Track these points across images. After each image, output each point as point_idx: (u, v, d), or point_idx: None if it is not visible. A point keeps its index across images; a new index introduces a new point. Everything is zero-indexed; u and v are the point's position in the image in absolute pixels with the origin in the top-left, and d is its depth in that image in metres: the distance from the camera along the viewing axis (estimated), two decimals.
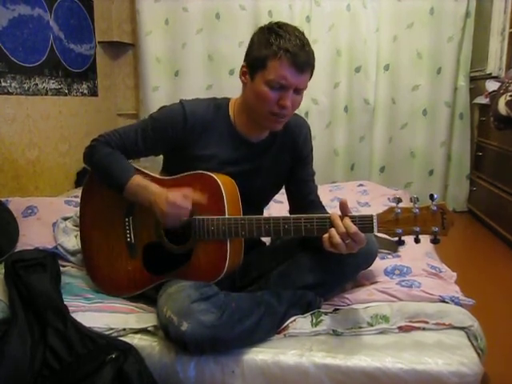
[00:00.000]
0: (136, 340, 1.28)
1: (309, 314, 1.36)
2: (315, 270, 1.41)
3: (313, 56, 1.28)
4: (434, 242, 1.15)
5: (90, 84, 3.47)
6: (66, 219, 1.90)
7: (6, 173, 2.58)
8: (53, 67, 2.98)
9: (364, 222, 1.15)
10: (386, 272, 1.57)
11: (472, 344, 1.25)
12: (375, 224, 1.15)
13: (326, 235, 1.16)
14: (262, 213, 1.57)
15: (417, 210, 1.13)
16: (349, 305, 1.43)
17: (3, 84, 2.54)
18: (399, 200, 1.15)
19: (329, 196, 2.64)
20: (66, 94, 3.15)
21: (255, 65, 1.28)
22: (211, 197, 1.30)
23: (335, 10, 3.47)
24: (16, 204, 2.01)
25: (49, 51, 2.93)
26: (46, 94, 2.94)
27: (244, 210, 1.35)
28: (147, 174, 1.40)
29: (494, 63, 3.15)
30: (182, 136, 1.35)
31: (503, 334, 1.77)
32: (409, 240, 1.17)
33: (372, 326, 1.31)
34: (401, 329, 1.30)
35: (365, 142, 3.63)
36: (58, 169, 3.09)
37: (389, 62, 3.54)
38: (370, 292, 1.46)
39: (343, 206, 1.16)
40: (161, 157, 1.51)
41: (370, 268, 1.52)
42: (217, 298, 1.24)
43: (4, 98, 2.56)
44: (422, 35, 3.46)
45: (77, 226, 1.79)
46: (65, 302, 1.35)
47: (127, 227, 1.42)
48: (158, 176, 1.42)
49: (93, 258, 1.51)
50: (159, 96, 3.64)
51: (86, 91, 3.41)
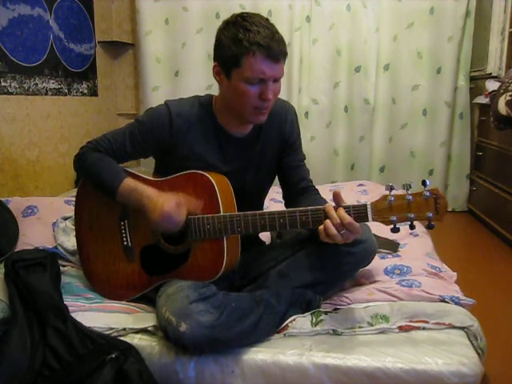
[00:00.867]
0: (136, 340, 1.28)
1: (309, 313, 1.36)
2: (314, 268, 1.41)
3: (283, 42, 1.26)
4: (429, 227, 1.15)
5: (90, 84, 3.47)
6: (65, 219, 1.90)
7: (5, 172, 2.58)
8: (53, 67, 2.98)
9: (358, 212, 1.16)
10: (386, 271, 1.57)
11: (472, 344, 1.25)
12: (369, 212, 1.16)
13: (322, 227, 1.16)
14: (262, 206, 1.57)
15: (410, 197, 1.14)
16: (349, 304, 1.42)
17: (3, 84, 2.54)
18: (392, 188, 1.15)
19: (329, 196, 2.63)
20: (65, 94, 3.15)
21: (229, 63, 1.27)
22: (205, 195, 1.30)
23: (335, 10, 3.47)
24: (16, 204, 2.01)
25: (49, 51, 2.93)
26: (46, 94, 2.94)
27: (242, 205, 1.35)
28: (140, 177, 1.40)
29: (494, 63, 3.14)
30: (169, 137, 1.36)
31: (503, 334, 1.77)
32: (409, 240, 1.17)
33: (372, 325, 1.31)
34: (401, 328, 1.30)
35: (365, 141, 3.63)
36: (58, 169, 3.09)
37: (389, 61, 3.54)
38: (370, 292, 1.46)
39: (336, 197, 1.17)
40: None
41: (369, 267, 1.52)
42: (215, 299, 1.24)
43: (4, 98, 2.56)
44: (422, 35, 3.46)
45: None
46: (65, 302, 1.35)
47: (123, 231, 1.42)
48: (150, 178, 1.41)
49: (90, 262, 1.50)
50: (159, 96, 3.64)
51: (85, 91, 3.41)
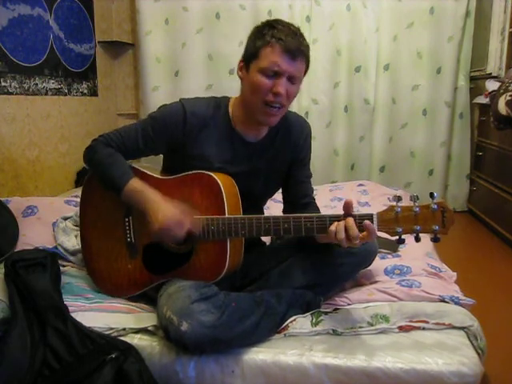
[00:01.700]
0: (136, 340, 1.28)
1: (309, 313, 1.37)
2: (315, 269, 1.41)
3: (306, 45, 1.29)
4: (435, 240, 1.15)
5: (90, 84, 3.47)
6: (65, 219, 1.90)
7: (6, 172, 2.58)
8: (53, 67, 2.98)
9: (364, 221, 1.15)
10: (386, 272, 1.58)
11: (472, 344, 1.25)
12: (375, 223, 1.15)
13: (333, 227, 1.16)
14: (262, 212, 1.58)
15: (417, 209, 1.13)
16: (349, 304, 1.43)
17: (3, 84, 2.54)
18: (399, 198, 1.15)
19: (329, 196, 2.64)
20: (65, 94, 3.15)
21: (250, 57, 1.29)
22: (211, 196, 1.30)
23: (335, 10, 3.47)
24: (16, 204, 2.01)
25: (49, 51, 2.93)
26: (46, 94, 2.94)
27: (243, 209, 1.35)
28: (147, 175, 1.40)
29: (494, 63, 3.14)
30: (182, 135, 1.35)
31: (503, 334, 1.77)
32: (409, 240, 1.17)
33: (372, 325, 1.31)
34: (401, 328, 1.30)
35: (365, 141, 3.63)
36: (58, 168, 3.09)
37: (389, 61, 3.53)
38: (370, 292, 1.46)
39: (347, 206, 1.17)
40: (161, 157, 1.51)
41: (369, 268, 1.52)
42: (217, 298, 1.24)
43: (4, 98, 2.56)
44: (422, 35, 3.46)
45: (77, 225, 1.79)
46: (65, 302, 1.35)
47: (127, 227, 1.42)
48: (157, 176, 1.41)
49: (93, 258, 1.51)
50: (159, 96, 3.63)
51: (85, 91, 3.41)
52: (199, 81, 3.64)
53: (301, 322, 1.33)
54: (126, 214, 1.42)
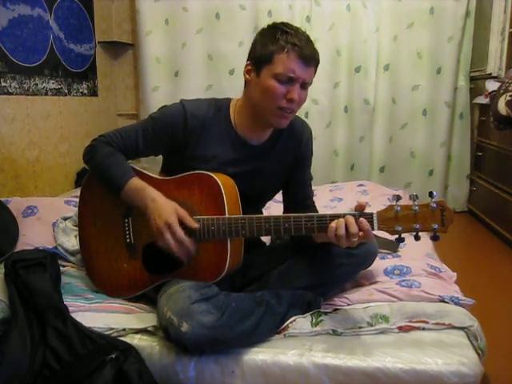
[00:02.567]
0: (136, 340, 1.28)
1: (309, 314, 1.37)
2: (315, 269, 1.41)
3: (317, 51, 1.30)
4: (434, 238, 1.16)
5: (90, 84, 3.47)
6: (65, 219, 1.90)
7: (6, 173, 2.58)
8: (53, 67, 2.98)
9: None
10: (386, 272, 1.58)
11: (472, 344, 1.25)
12: (375, 222, 1.16)
13: (333, 224, 1.16)
14: (260, 213, 1.58)
15: (416, 208, 1.14)
16: (349, 305, 1.43)
17: (3, 84, 2.54)
18: (398, 198, 1.15)
19: (328, 196, 2.64)
20: (65, 94, 3.15)
21: (261, 61, 1.28)
22: (211, 197, 1.30)
23: (335, 10, 3.47)
24: (16, 204, 2.01)
25: (49, 51, 2.93)
26: (46, 94, 2.94)
27: (242, 209, 1.35)
28: (146, 175, 1.40)
29: (494, 63, 3.14)
30: (182, 136, 1.35)
31: (503, 334, 1.77)
32: (408, 240, 1.18)
33: (372, 325, 1.31)
34: (401, 329, 1.30)
35: (365, 142, 3.63)
36: (58, 169, 3.09)
37: (389, 61, 3.53)
38: (370, 292, 1.46)
39: (360, 207, 1.17)
40: (160, 157, 1.51)
41: (369, 268, 1.52)
42: (217, 299, 1.24)
43: (4, 98, 2.56)
44: (422, 35, 3.46)
45: (77, 225, 1.78)
46: (65, 302, 1.35)
47: (126, 228, 1.42)
48: (157, 176, 1.41)
49: (92, 259, 1.50)
50: (159, 96, 3.64)
51: (85, 91, 3.41)
52: (199, 81, 3.64)
53: (301, 323, 1.33)
54: (125, 214, 1.42)
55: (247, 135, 1.40)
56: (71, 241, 1.75)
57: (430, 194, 1.13)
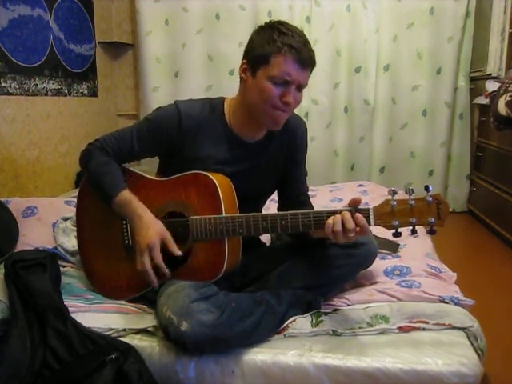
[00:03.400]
0: (136, 340, 1.28)
1: (309, 314, 1.36)
2: (315, 270, 1.41)
3: (314, 53, 1.29)
4: (431, 232, 1.16)
5: (90, 84, 3.47)
6: (65, 219, 1.90)
7: (6, 173, 2.58)
8: (53, 67, 2.98)
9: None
10: (386, 272, 1.57)
11: (472, 344, 1.25)
12: (372, 217, 1.17)
13: (330, 220, 1.17)
14: (260, 210, 1.58)
15: (412, 202, 1.14)
16: (349, 305, 1.43)
17: (3, 84, 2.54)
18: (394, 192, 1.15)
19: (328, 196, 2.64)
20: (65, 95, 3.15)
21: (258, 61, 1.27)
22: (207, 196, 1.30)
23: (335, 11, 3.47)
24: (16, 204, 2.01)
25: (49, 51, 2.93)
26: (46, 95, 2.94)
27: (241, 210, 1.35)
28: (143, 177, 1.40)
29: (494, 63, 3.14)
30: (177, 137, 1.35)
31: (503, 335, 1.77)
32: (408, 241, 1.18)
33: (372, 326, 1.31)
34: (401, 329, 1.30)
35: (365, 142, 3.63)
36: (58, 169, 3.09)
37: (389, 62, 3.54)
38: (370, 292, 1.46)
39: (354, 203, 1.18)
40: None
41: (369, 268, 1.52)
42: (216, 298, 1.24)
43: (4, 99, 2.56)
44: (422, 35, 3.46)
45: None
46: (65, 303, 1.35)
47: (124, 229, 1.42)
48: (153, 178, 1.41)
49: (91, 261, 1.50)
50: (159, 96, 3.64)
51: (85, 91, 3.41)
52: (199, 81, 3.64)
53: (301, 323, 1.33)
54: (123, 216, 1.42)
55: (242, 133, 1.40)
56: (71, 241, 1.75)
57: (426, 188, 1.13)
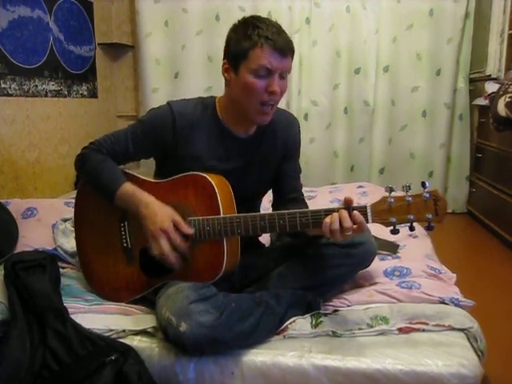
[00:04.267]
0: (135, 342, 1.28)
1: (308, 315, 1.36)
2: (314, 270, 1.41)
3: (290, 40, 1.30)
4: (429, 228, 1.16)
5: (90, 86, 3.47)
6: (65, 221, 1.90)
7: (5, 174, 2.58)
8: (52, 69, 2.98)
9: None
10: (386, 273, 1.57)
11: (472, 345, 1.24)
12: (369, 214, 1.17)
13: (328, 219, 1.17)
14: (258, 208, 1.58)
15: (410, 198, 1.14)
16: (348, 306, 1.42)
17: (3, 85, 2.54)
18: (392, 190, 1.15)
19: (328, 197, 2.64)
20: (65, 96, 3.15)
21: (237, 58, 1.29)
22: (205, 197, 1.30)
23: (335, 12, 3.48)
24: (16, 205, 2.01)
25: (48, 53, 2.93)
26: (46, 96, 2.94)
27: (239, 209, 1.35)
28: (141, 179, 1.40)
29: (494, 65, 3.15)
30: (172, 137, 1.36)
31: (503, 336, 1.77)
32: (408, 241, 1.17)
33: (372, 327, 1.31)
34: (400, 330, 1.30)
35: (364, 143, 3.64)
36: (58, 170, 3.09)
37: (388, 63, 3.54)
38: (370, 293, 1.46)
39: (347, 202, 1.18)
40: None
41: (369, 269, 1.52)
42: (215, 299, 1.24)
43: (4, 100, 2.56)
44: (422, 36, 3.47)
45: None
46: (64, 304, 1.34)
47: (123, 232, 1.42)
48: (151, 180, 1.41)
49: (90, 264, 1.50)
50: (159, 97, 3.63)
51: (85, 93, 3.41)
52: (199, 82, 3.64)
53: (300, 324, 1.33)
54: (122, 219, 1.41)
55: (235, 129, 1.41)
56: (71, 242, 1.74)
57: (423, 185, 1.13)
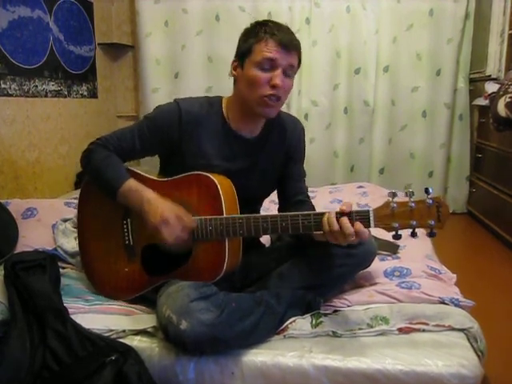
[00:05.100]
0: (136, 342, 1.28)
1: (308, 315, 1.37)
2: (314, 270, 1.41)
3: (298, 40, 1.33)
4: (431, 235, 1.16)
5: (90, 86, 3.47)
6: (65, 221, 1.90)
7: (5, 174, 2.58)
8: (52, 69, 2.98)
9: (360, 217, 1.16)
10: (386, 273, 1.57)
11: (472, 346, 1.24)
12: (372, 219, 1.16)
13: (325, 218, 1.17)
14: (259, 209, 1.58)
15: (412, 204, 1.14)
16: (349, 306, 1.42)
17: (3, 86, 2.54)
18: (395, 194, 1.15)
19: (328, 198, 2.64)
20: (65, 96, 3.15)
21: (244, 54, 1.32)
22: (209, 197, 1.30)
23: (335, 12, 3.48)
24: (16, 205, 2.01)
25: (48, 53, 2.93)
26: (46, 96, 2.94)
27: (242, 210, 1.35)
28: (145, 177, 1.40)
29: (494, 65, 3.15)
30: (178, 134, 1.36)
31: (503, 336, 1.77)
32: (408, 242, 1.17)
33: (372, 327, 1.31)
34: (400, 330, 1.30)
35: (364, 143, 3.64)
36: (58, 170, 3.09)
37: (388, 63, 3.54)
38: (370, 293, 1.46)
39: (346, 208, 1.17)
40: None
41: (369, 269, 1.52)
42: (216, 297, 1.24)
43: (4, 100, 2.56)
44: (422, 37, 3.47)
45: (76, 228, 1.79)
46: (64, 304, 1.34)
47: (125, 229, 1.42)
48: (155, 178, 1.42)
49: (91, 261, 1.50)
50: (159, 98, 3.63)
51: (85, 93, 3.41)
52: (199, 82, 3.64)
53: (300, 324, 1.33)
54: (124, 216, 1.42)
55: (240, 129, 1.41)
56: (71, 242, 1.75)
57: (426, 191, 1.13)
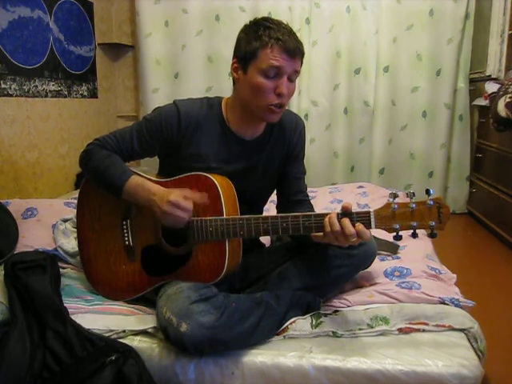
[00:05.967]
0: (136, 342, 1.28)
1: (308, 315, 1.37)
2: (314, 270, 1.41)
3: (301, 42, 1.30)
4: (432, 236, 1.15)
5: (90, 86, 3.48)
6: (65, 221, 1.90)
7: (5, 174, 2.58)
8: (53, 69, 2.98)
9: (361, 219, 1.16)
10: (386, 273, 1.57)
11: (472, 346, 1.25)
12: (373, 220, 1.16)
13: (326, 219, 1.17)
14: (261, 213, 1.58)
15: (413, 205, 1.14)
16: (349, 306, 1.42)
17: (3, 86, 2.54)
18: (395, 196, 1.15)
19: (328, 198, 2.64)
20: (65, 96, 3.15)
21: (247, 58, 1.29)
22: (209, 198, 1.30)
23: (335, 12, 3.48)
24: (16, 206, 2.01)
25: (49, 53, 2.93)
26: (46, 96, 2.94)
27: (243, 211, 1.35)
28: (144, 177, 1.40)
29: (494, 65, 3.15)
30: (177, 136, 1.36)
31: (503, 336, 1.76)
32: (408, 242, 1.17)
33: (372, 327, 1.31)
34: (401, 330, 1.30)
35: (364, 143, 3.63)
36: (58, 170, 3.09)
37: (388, 63, 3.54)
38: (370, 294, 1.46)
39: (346, 209, 1.17)
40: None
41: (369, 269, 1.52)
42: (216, 299, 1.24)
43: (4, 100, 2.56)
44: (422, 37, 3.47)
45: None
46: (64, 304, 1.35)
47: (125, 230, 1.42)
48: (155, 178, 1.41)
49: (91, 261, 1.50)
50: (159, 98, 3.64)
51: (85, 93, 3.41)
52: (199, 83, 3.64)
53: (301, 324, 1.33)
54: (124, 217, 1.42)
55: (240, 131, 1.40)
56: (71, 243, 1.75)
57: (427, 192, 1.13)
